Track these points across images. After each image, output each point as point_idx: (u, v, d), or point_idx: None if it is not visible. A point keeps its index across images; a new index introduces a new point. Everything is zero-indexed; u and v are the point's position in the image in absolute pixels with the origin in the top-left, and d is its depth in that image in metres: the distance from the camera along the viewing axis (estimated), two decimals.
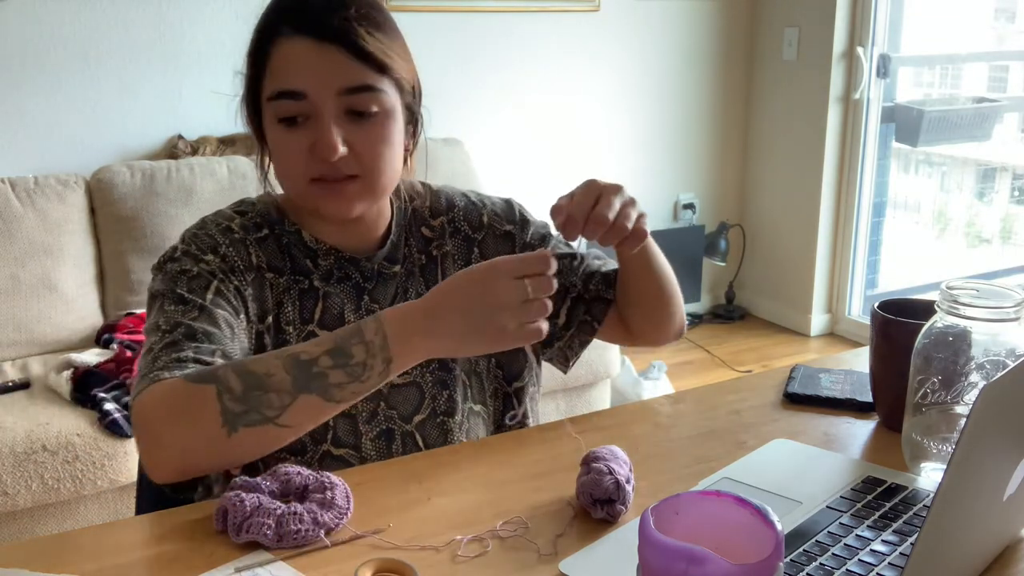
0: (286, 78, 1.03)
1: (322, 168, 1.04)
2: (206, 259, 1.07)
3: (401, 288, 1.17)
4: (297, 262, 1.13)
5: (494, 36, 3.46)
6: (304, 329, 1.11)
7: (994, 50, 4.34)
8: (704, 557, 0.61)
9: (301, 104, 1.02)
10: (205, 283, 1.05)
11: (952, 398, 0.98)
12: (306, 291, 1.12)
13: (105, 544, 0.88)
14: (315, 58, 1.02)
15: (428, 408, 1.15)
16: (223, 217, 1.12)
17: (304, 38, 1.02)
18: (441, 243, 1.20)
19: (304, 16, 1.03)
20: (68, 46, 2.78)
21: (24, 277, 2.51)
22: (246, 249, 1.10)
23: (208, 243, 1.08)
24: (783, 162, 4.02)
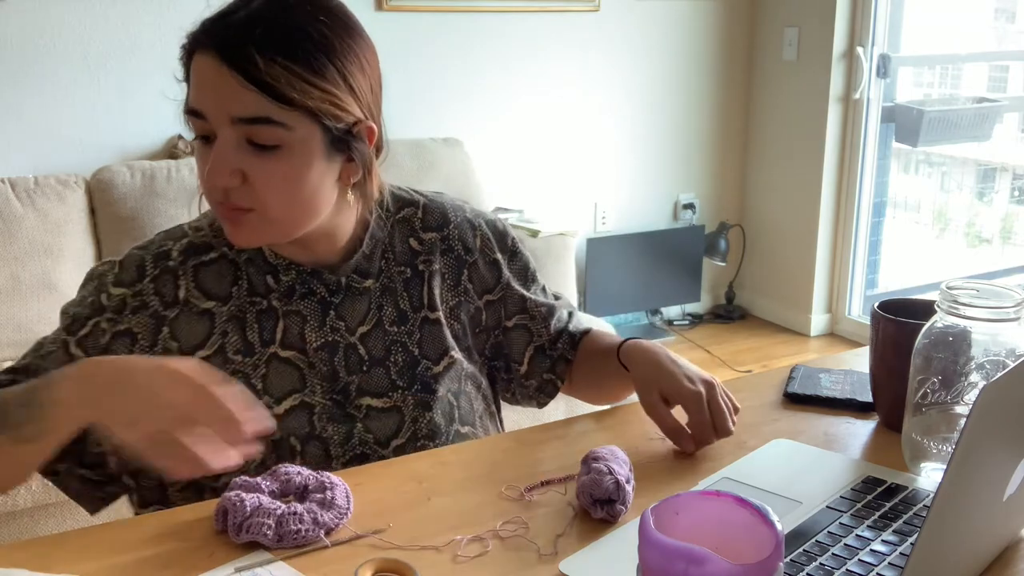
0: (193, 95, 0.98)
1: (216, 195, 0.99)
2: (110, 291, 1.04)
3: (375, 304, 1.11)
4: (254, 281, 1.07)
5: (494, 36, 3.46)
6: (265, 352, 1.06)
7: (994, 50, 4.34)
8: (704, 557, 0.61)
9: (204, 124, 0.97)
10: (87, 316, 1.03)
11: (952, 398, 0.98)
12: (264, 312, 1.07)
13: (105, 544, 0.88)
14: (214, 79, 0.95)
15: (408, 432, 1.10)
16: (172, 236, 1.08)
17: (210, 55, 0.95)
18: (430, 259, 1.15)
19: (216, 31, 0.96)
20: (68, 46, 2.78)
21: (24, 277, 2.51)
22: (175, 281, 1.05)
23: (131, 273, 1.05)
24: (783, 162, 4.02)
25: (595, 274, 3.80)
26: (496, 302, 1.20)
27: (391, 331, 1.11)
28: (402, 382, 1.10)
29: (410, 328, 1.12)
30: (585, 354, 1.24)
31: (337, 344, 1.09)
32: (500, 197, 3.39)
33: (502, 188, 3.47)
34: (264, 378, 1.06)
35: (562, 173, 3.75)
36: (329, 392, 1.07)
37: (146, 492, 1.08)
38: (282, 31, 0.95)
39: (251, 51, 0.93)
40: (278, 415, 1.04)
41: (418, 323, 1.13)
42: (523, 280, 1.23)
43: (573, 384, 1.27)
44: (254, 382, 1.05)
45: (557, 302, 1.26)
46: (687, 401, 1.06)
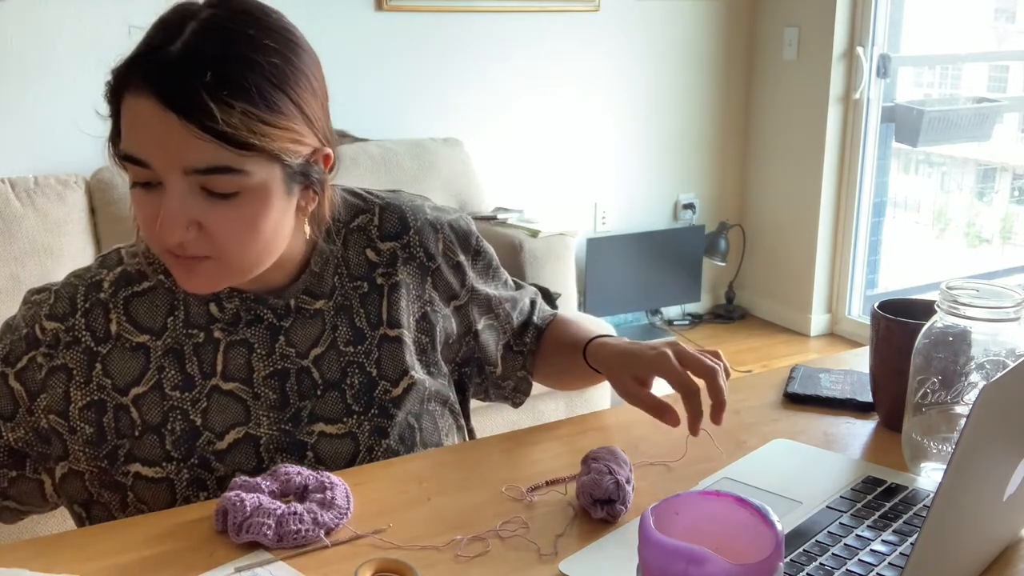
0: (131, 141, 0.87)
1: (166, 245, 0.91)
2: (43, 325, 0.99)
3: (329, 324, 1.04)
4: (192, 312, 1.01)
5: (494, 36, 3.46)
6: (206, 384, 1.00)
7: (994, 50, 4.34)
8: (704, 557, 0.61)
9: (147, 171, 0.88)
10: (23, 351, 0.99)
11: (952, 398, 0.98)
12: (202, 344, 1.00)
13: (105, 544, 0.88)
14: (157, 126, 0.85)
15: (363, 460, 1.04)
16: (106, 265, 1.03)
17: (148, 97, 0.85)
18: (390, 271, 1.07)
19: (156, 70, 0.85)
20: (68, 46, 2.78)
21: (24, 277, 2.51)
22: (106, 315, 0.99)
23: (65, 306, 0.99)
24: (783, 162, 4.02)
25: (595, 274, 3.80)
26: (464, 306, 1.14)
27: (347, 352, 1.04)
28: (358, 407, 1.04)
29: (367, 347, 1.05)
30: (549, 346, 1.21)
31: (288, 371, 1.02)
32: (500, 197, 3.39)
33: (502, 188, 3.46)
34: (205, 413, 1.00)
35: (562, 173, 3.75)
36: (277, 422, 1.02)
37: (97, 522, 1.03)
38: (233, 69, 0.85)
39: (203, 98, 0.84)
40: (221, 450, 1.00)
41: (376, 341, 1.06)
42: (486, 277, 1.16)
43: (536, 373, 1.22)
44: (193, 418, 1.00)
45: (518, 292, 1.21)
46: (656, 366, 1.01)
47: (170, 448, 0.99)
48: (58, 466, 1.00)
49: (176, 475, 0.99)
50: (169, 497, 1.00)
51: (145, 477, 0.99)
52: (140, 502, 1.00)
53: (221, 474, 1.00)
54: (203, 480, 1.00)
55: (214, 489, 1.00)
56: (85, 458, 0.99)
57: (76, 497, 1.02)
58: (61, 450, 1.00)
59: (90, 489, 1.01)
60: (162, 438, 0.99)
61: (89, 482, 1.01)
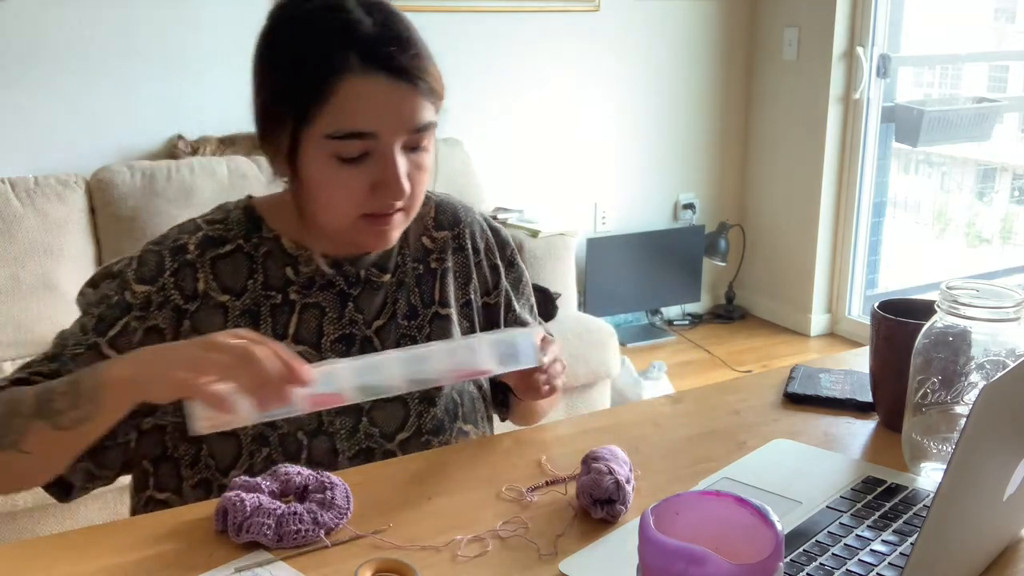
0: (355, 118, 0.97)
1: (381, 205, 1.01)
2: (133, 289, 1.05)
3: (391, 298, 1.13)
4: (271, 274, 1.08)
5: (494, 36, 3.46)
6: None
7: (994, 50, 4.34)
8: (704, 557, 0.61)
9: (367, 143, 0.98)
10: (116, 316, 1.04)
11: (952, 398, 0.98)
12: (279, 306, 1.08)
13: (105, 544, 0.88)
14: (391, 98, 0.98)
15: (413, 426, 1.10)
16: (186, 230, 1.09)
17: (376, 76, 0.97)
18: (442, 257, 1.17)
19: (377, 52, 0.97)
20: (68, 46, 2.78)
21: (24, 277, 2.51)
22: (194, 275, 1.06)
23: (151, 269, 1.05)
24: (783, 162, 4.02)
25: (595, 274, 3.80)
26: (492, 306, 1.21)
27: (403, 325, 1.13)
28: None
29: (420, 323, 1.14)
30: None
31: (354, 336, 1.10)
32: (500, 197, 3.39)
33: (502, 188, 3.46)
34: None
35: (562, 173, 3.75)
36: None
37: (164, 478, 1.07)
38: (418, 40, 1.01)
39: (423, 65, 0.99)
40: None
41: (428, 318, 1.14)
42: (515, 292, 1.25)
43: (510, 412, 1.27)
44: None
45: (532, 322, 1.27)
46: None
47: None
48: (144, 421, 1.05)
49: (243, 431, 1.04)
50: (235, 451, 1.05)
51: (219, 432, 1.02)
52: (210, 456, 1.05)
53: (283, 431, 1.05)
54: (266, 437, 1.05)
55: (275, 446, 1.04)
56: (172, 410, 1.04)
57: (150, 452, 1.07)
58: (150, 406, 1.02)
59: (168, 443, 1.06)
60: None
61: (170, 435, 1.06)
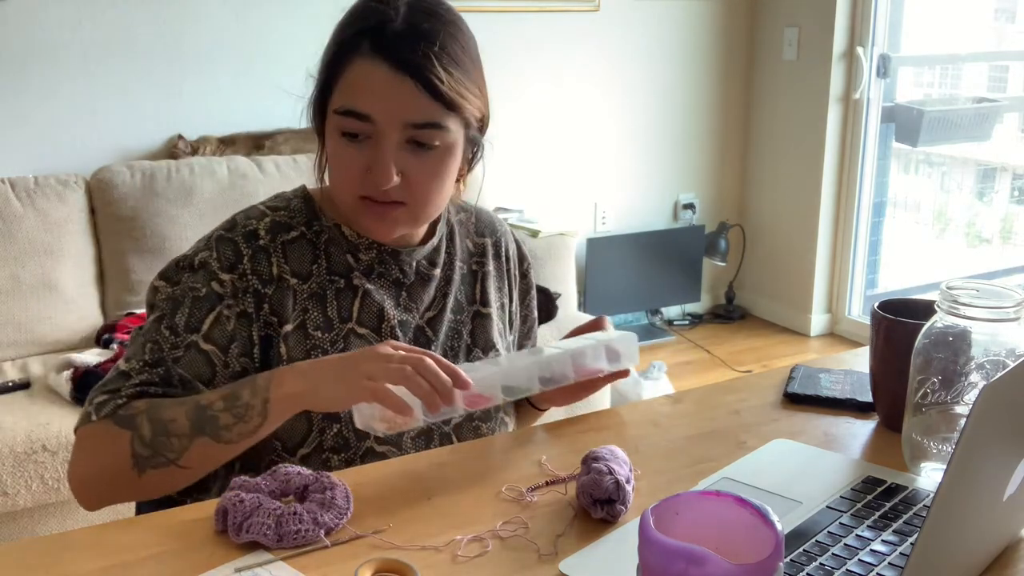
0: (355, 98, 1.03)
1: (372, 190, 1.05)
2: (220, 278, 1.08)
3: (440, 292, 1.19)
4: (334, 260, 1.13)
5: (494, 36, 3.46)
6: (343, 328, 1.11)
7: (994, 50, 4.34)
8: (704, 557, 0.61)
9: (365, 124, 1.03)
10: (208, 308, 1.07)
11: (952, 398, 0.98)
12: (343, 290, 1.12)
13: (105, 544, 0.88)
14: (388, 86, 1.02)
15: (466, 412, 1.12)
16: (253, 216, 1.12)
17: (381, 63, 1.01)
18: (483, 261, 1.24)
19: (386, 40, 1.02)
20: (68, 46, 2.78)
21: (24, 277, 2.51)
22: (268, 259, 1.09)
23: (229, 257, 1.08)
24: (783, 162, 4.02)
25: (595, 274, 3.80)
26: (513, 312, 1.29)
27: (451, 318, 1.19)
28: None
29: (464, 319, 1.21)
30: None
31: (408, 324, 1.16)
32: (500, 197, 3.39)
33: (502, 188, 3.46)
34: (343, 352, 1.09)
35: (562, 173, 3.75)
36: None
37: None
38: (448, 43, 1.04)
39: (433, 65, 1.02)
40: None
41: (471, 315, 1.21)
42: (521, 303, 1.31)
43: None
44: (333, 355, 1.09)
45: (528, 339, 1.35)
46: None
47: None
48: None
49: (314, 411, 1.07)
50: (306, 428, 1.08)
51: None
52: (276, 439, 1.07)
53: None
54: (337, 414, 1.08)
55: (345, 423, 1.08)
56: None
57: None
58: None
59: None
60: None
61: None
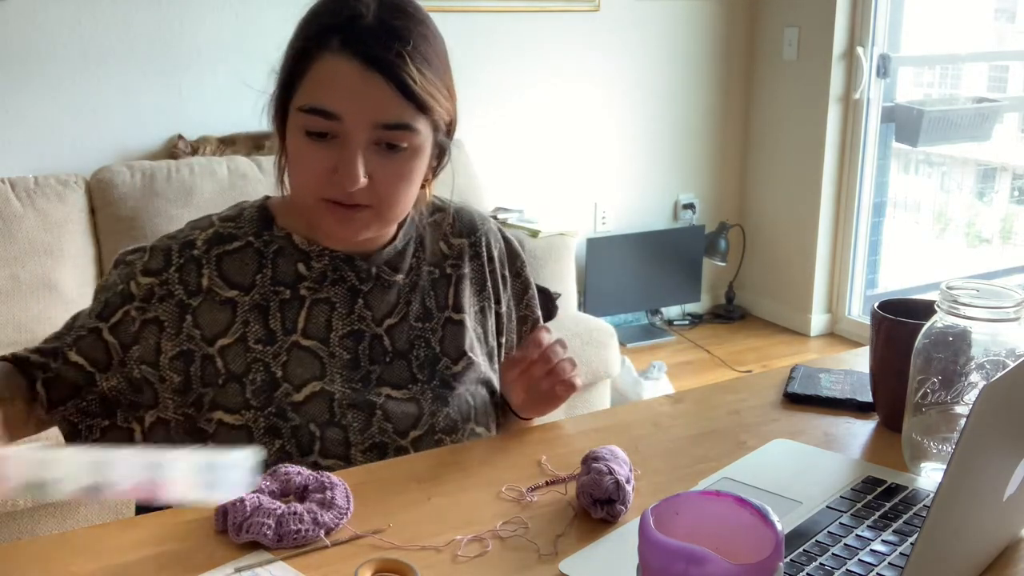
0: (323, 96, 0.99)
1: (337, 192, 1.01)
2: (139, 280, 1.07)
3: (403, 299, 1.14)
4: (280, 270, 1.09)
5: (494, 36, 3.46)
6: (287, 340, 1.08)
7: (994, 50, 4.33)
8: (704, 557, 0.61)
9: (332, 123, 0.99)
10: (118, 305, 1.07)
11: (952, 398, 0.98)
12: (288, 301, 1.09)
13: (105, 544, 0.88)
14: (359, 85, 0.98)
15: (426, 424, 1.11)
16: (199, 226, 1.11)
17: (351, 59, 0.98)
18: (458, 263, 1.18)
19: (358, 36, 0.98)
20: (68, 46, 2.78)
21: (24, 277, 2.51)
22: (198, 271, 1.07)
23: (158, 262, 1.07)
24: (783, 162, 4.02)
25: (595, 274, 3.80)
26: (501, 315, 1.23)
27: (416, 326, 1.14)
28: (422, 376, 1.12)
29: (433, 326, 1.15)
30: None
31: (363, 333, 1.11)
32: (500, 197, 3.39)
33: (502, 188, 3.46)
34: (284, 366, 1.08)
35: (562, 173, 3.75)
36: (349, 380, 1.09)
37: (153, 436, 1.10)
38: (420, 42, 1.00)
39: (406, 63, 0.98)
40: (298, 402, 1.07)
41: (442, 322, 1.16)
42: (516, 303, 1.26)
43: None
44: (274, 370, 1.07)
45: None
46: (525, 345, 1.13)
47: (250, 397, 1.06)
48: (147, 414, 1.08)
49: (254, 423, 1.06)
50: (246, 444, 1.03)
51: (227, 424, 1.06)
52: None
53: (296, 423, 1.06)
54: (278, 428, 1.06)
55: (288, 438, 1.06)
56: (173, 405, 1.07)
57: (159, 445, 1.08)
58: (151, 399, 1.07)
59: (174, 438, 1.08)
60: (243, 387, 1.06)
61: (174, 431, 1.08)
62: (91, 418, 1.07)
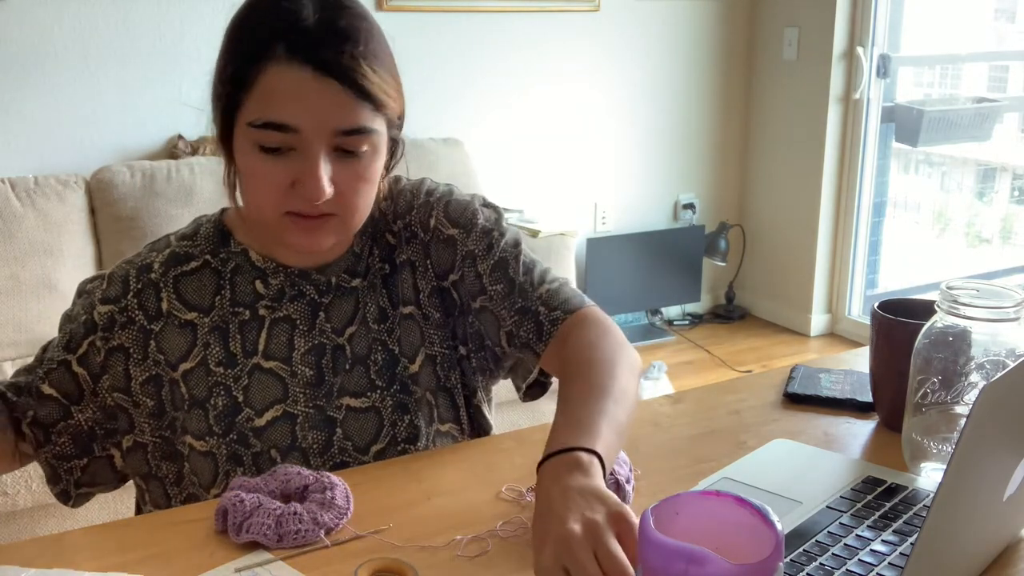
0: (276, 109, 0.92)
1: (301, 205, 0.96)
2: (99, 310, 1.04)
3: (361, 302, 1.08)
4: (239, 290, 1.06)
5: (494, 36, 3.46)
6: (248, 363, 1.04)
7: (994, 50, 4.33)
8: (704, 557, 0.61)
9: (287, 136, 0.93)
10: (82, 336, 1.04)
11: (952, 398, 0.98)
12: (247, 322, 1.05)
13: (105, 544, 0.88)
14: (313, 93, 0.92)
15: (388, 436, 1.07)
16: (157, 248, 1.08)
17: (301, 67, 0.92)
18: (401, 250, 1.11)
19: (305, 42, 0.92)
20: (68, 46, 2.78)
21: (24, 277, 2.51)
22: (157, 294, 1.04)
23: (116, 288, 1.05)
24: (783, 162, 4.02)
25: (595, 274, 3.80)
26: (459, 282, 1.11)
27: (373, 328, 1.09)
28: (381, 382, 1.08)
29: (390, 326, 1.09)
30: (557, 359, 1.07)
31: (324, 347, 1.07)
32: (500, 197, 3.39)
33: (502, 188, 3.46)
34: (246, 389, 1.04)
35: (562, 173, 3.75)
36: (312, 399, 1.06)
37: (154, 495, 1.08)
38: (367, 40, 0.95)
39: (360, 65, 0.93)
40: (259, 427, 1.04)
41: (397, 320, 1.10)
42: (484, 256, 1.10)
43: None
44: (236, 394, 1.04)
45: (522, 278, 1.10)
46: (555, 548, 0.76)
47: (212, 423, 1.03)
48: (124, 439, 1.06)
49: (217, 449, 1.03)
50: (213, 470, 1.04)
51: (196, 450, 1.04)
52: (193, 474, 1.04)
53: (257, 450, 1.04)
54: (240, 456, 1.03)
55: (250, 465, 1.03)
56: (149, 429, 1.05)
57: (139, 470, 1.07)
58: (127, 424, 1.05)
59: (151, 462, 1.06)
60: (206, 412, 1.04)
61: (151, 454, 1.06)
62: (67, 461, 1.05)
